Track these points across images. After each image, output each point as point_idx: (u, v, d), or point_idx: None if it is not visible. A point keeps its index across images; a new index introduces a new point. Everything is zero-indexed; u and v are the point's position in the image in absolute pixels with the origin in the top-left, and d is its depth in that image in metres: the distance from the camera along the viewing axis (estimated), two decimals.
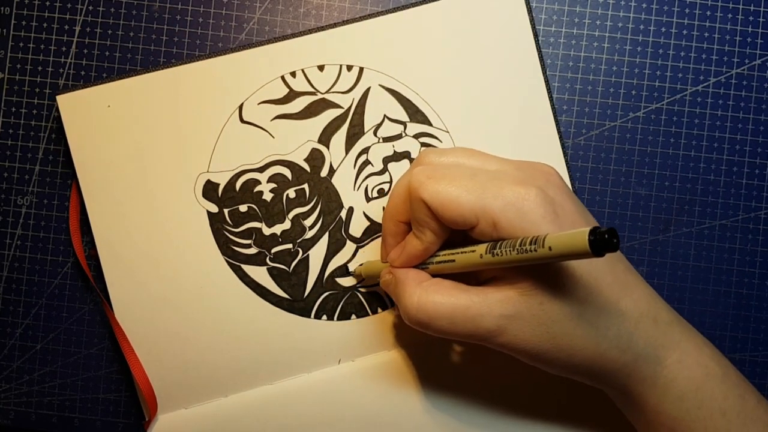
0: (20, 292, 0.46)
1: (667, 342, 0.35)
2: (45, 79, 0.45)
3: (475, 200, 0.33)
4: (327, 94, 0.44)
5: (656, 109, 0.45)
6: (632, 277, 0.36)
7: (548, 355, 0.35)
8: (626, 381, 0.36)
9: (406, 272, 0.37)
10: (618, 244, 0.28)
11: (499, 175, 0.35)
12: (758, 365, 0.45)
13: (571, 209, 0.34)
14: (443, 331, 0.35)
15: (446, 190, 0.34)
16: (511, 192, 0.33)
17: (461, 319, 0.34)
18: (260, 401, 0.44)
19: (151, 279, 0.44)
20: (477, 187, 0.34)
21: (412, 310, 0.35)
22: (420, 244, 0.36)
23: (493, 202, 0.33)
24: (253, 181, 0.44)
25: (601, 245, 0.28)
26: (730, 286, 0.45)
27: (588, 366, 0.35)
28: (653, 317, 0.36)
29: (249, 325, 0.44)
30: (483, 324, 0.34)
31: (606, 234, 0.28)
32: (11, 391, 0.46)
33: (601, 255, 0.28)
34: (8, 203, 0.45)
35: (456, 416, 0.43)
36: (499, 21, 0.44)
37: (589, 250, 0.28)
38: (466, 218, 0.34)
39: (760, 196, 0.45)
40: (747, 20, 0.45)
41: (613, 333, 0.34)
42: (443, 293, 0.35)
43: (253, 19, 0.45)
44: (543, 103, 0.44)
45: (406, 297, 0.36)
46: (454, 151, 0.38)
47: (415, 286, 0.36)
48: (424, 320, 0.35)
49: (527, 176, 0.35)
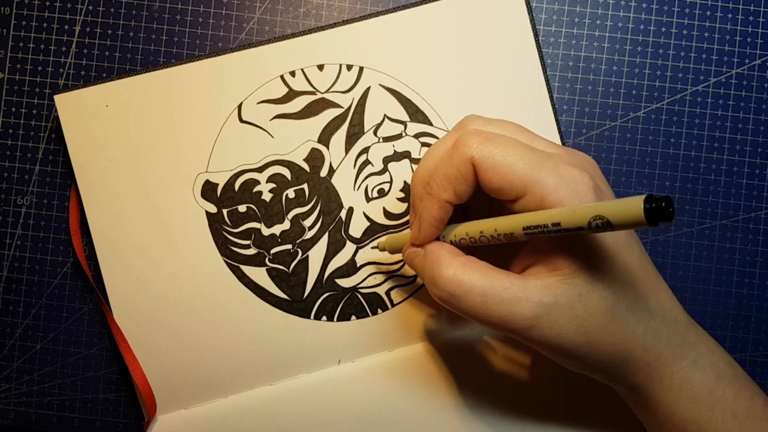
0: (20, 292, 0.46)
1: (685, 343, 0.36)
2: (45, 79, 0.45)
3: (530, 171, 0.32)
4: (327, 94, 0.44)
5: (656, 109, 0.45)
6: (658, 276, 0.36)
7: (577, 351, 0.34)
8: (643, 381, 0.35)
9: (440, 245, 0.36)
10: (673, 214, 0.26)
11: (552, 155, 0.34)
12: (758, 365, 0.45)
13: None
14: (473, 309, 0.33)
15: (502, 155, 0.33)
16: (567, 171, 0.32)
17: (496, 300, 0.33)
18: (260, 402, 0.44)
19: (150, 279, 0.44)
20: (534, 159, 0.33)
21: (447, 281, 0.34)
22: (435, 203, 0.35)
23: (549, 177, 0.32)
24: (252, 181, 0.44)
25: (656, 213, 0.26)
26: (730, 286, 0.45)
27: (612, 363, 0.34)
28: (674, 317, 0.36)
29: (248, 326, 0.44)
30: (519, 309, 0.33)
31: (663, 202, 0.26)
32: (11, 391, 0.46)
33: (655, 225, 0.26)
34: (8, 203, 0.46)
35: (456, 416, 0.43)
36: (499, 21, 0.44)
37: (643, 217, 0.26)
38: (515, 187, 0.32)
39: (760, 196, 0.45)
40: (747, 20, 0.45)
41: (641, 331, 0.34)
42: (481, 272, 0.34)
43: (253, 19, 0.45)
44: (543, 103, 0.44)
45: (442, 268, 0.34)
46: (503, 123, 0.36)
47: (451, 258, 0.34)
48: (457, 293, 0.33)
49: (579, 161, 0.35)
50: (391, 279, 0.44)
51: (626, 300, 0.34)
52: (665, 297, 0.36)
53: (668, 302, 0.36)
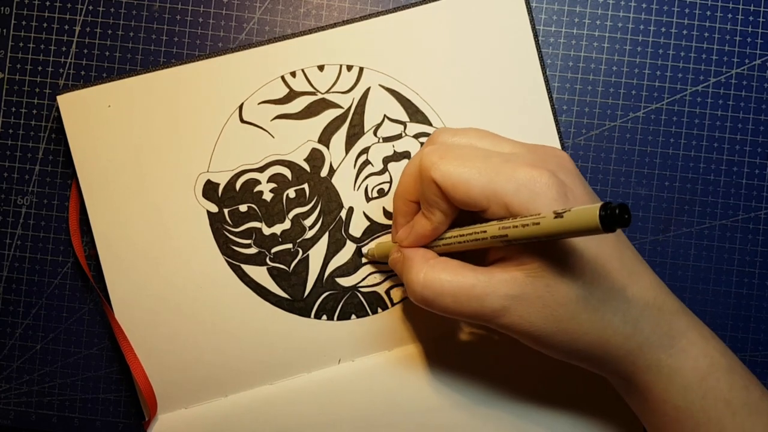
0: (20, 292, 0.46)
1: (673, 331, 0.35)
2: (45, 79, 0.45)
3: (487, 183, 0.33)
4: (327, 94, 0.44)
5: (656, 109, 0.45)
6: (639, 264, 0.36)
7: (552, 339, 0.34)
8: (631, 369, 0.36)
9: (414, 250, 0.37)
10: (629, 220, 0.27)
11: (511, 158, 0.35)
12: (758, 365, 0.45)
13: (582, 193, 0.35)
14: (447, 308, 0.35)
15: (458, 172, 0.34)
16: (523, 174, 0.33)
17: (465, 298, 0.34)
18: (260, 401, 0.44)
19: (151, 279, 0.44)
20: (489, 169, 0.34)
21: (418, 287, 0.35)
22: (429, 224, 0.36)
23: (506, 185, 0.33)
24: (253, 181, 0.44)
25: (612, 220, 0.27)
26: (730, 286, 0.45)
27: (591, 351, 0.35)
28: (659, 306, 0.36)
29: (249, 325, 0.44)
30: (487, 303, 0.34)
31: (617, 209, 0.27)
32: (11, 391, 0.46)
33: (612, 230, 0.27)
34: (8, 203, 0.45)
35: (456, 416, 0.43)
36: (499, 21, 0.44)
37: (599, 225, 0.27)
38: (477, 200, 0.33)
39: (760, 196, 0.45)
40: (747, 20, 0.45)
41: (619, 319, 0.34)
42: (450, 271, 0.35)
43: (253, 19, 0.45)
44: (543, 103, 0.44)
45: (412, 274, 0.36)
46: (467, 132, 0.37)
47: (422, 263, 0.36)
48: (429, 297, 0.35)
49: (540, 159, 0.35)
50: (390, 278, 0.44)
51: (599, 290, 0.34)
52: (647, 285, 0.36)
53: (652, 290, 0.36)
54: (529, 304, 0.34)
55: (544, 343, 0.35)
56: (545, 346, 0.35)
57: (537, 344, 0.35)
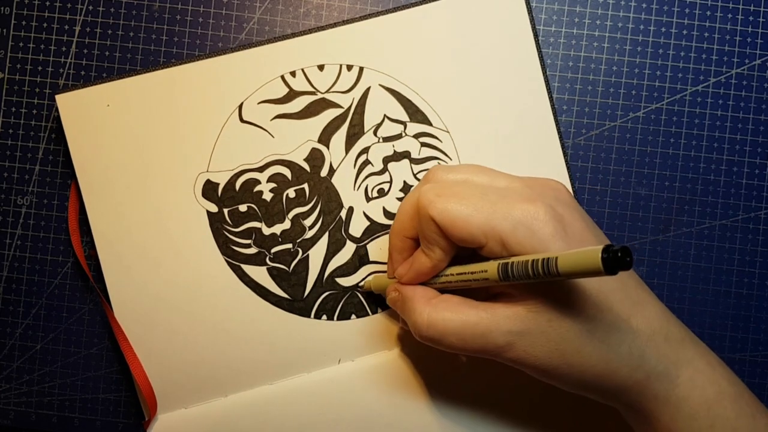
0: (20, 292, 0.46)
1: (679, 360, 0.35)
2: (45, 79, 0.45)
3: (484, 220, 0.33)
4: (327, 94, 0.44)
5: (656, 109, 0.45)
6: (643, 293, 0.36)
7: (558, 371, 0.34)
8: (638, 398, 0.35)
9: (413, 289, 0.38)
10: (631, 263, 0.28)
11: (508, 193, 0.35)
12: (758, 365, 0.45)
13: (580, 226, 0.35)
14: (453, 346, 0.35)
15: (456, 209, 0.34)
16: (520, 210, 0.33)
17: (470, 336, 0.34)
18: (260, 401, 0.44)
19: (151, 278, 0.44)
20: (486, 206, 0.34)
21: (423, 328, 0.36)
22: (428, 261, 0.36)
23: (503, 222, 0.33)
24: (252, 181, 0.44)
25: (614, 263, 0.27)
26: (730, 286, 0.45)
27: (599, 383, 0.35)
28: (665, 335, 0.35)
29: (249, 325, 0.44)
30: (492, 340, 0.34)
31: (619, 252, 0.27)
32: (11, 391, 0.46)
33: (614, 273, 0.28)
34: (8, 203, 0.45)
35: (456, 416, 0.43)
36: (499, 21, 0.44)
37: (601, 268, 0.28)
38: (475, 237, 0.34)
39: (760, 196, 0.45)
40: (747, 20, 0.45)
41: (624, 350, 0.34)
42: (452, 310, 0.35)
43: (253, 19, 0.45)
44: (543, 103, 0.44)
45: (416, 315, 0.36)
46: (463, 168, 0.38)
47: (424, 303, 0.36)
48: (435, 337, 0.35)
49: (536, 193, 0.35)
50: None
51: (603, 322, 0.34)
52: (653, 314, 0.35)
53: (657, 320, 0.35)
54: (533, 339, 0.34)
55: (551, 376, 0.35)
56: (552, 378, 0.35)
57: (544, 377, 0.35)
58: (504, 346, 0.34)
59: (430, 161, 0.44)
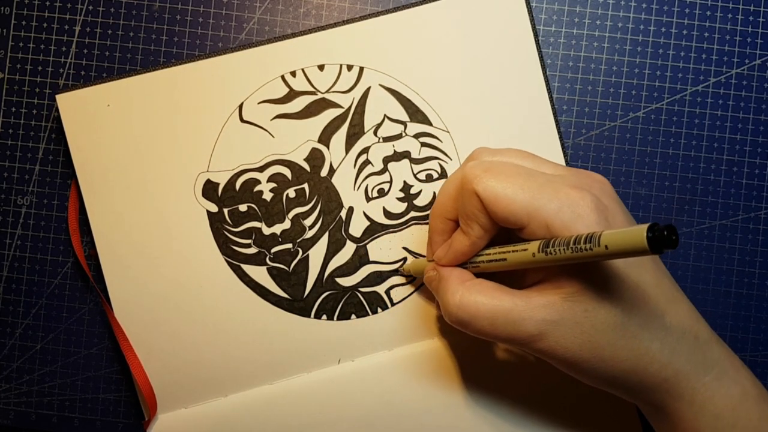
0: (20, 292, 0.46)
1: (707, 360, 0.35)
2: (45, 78, 0.45)
3: (530, 199, 0.33)
4: (327, 94, 0.44)
5: (656, 109, 0.45)
6: (677, 292, 0.36)
7: (587, 365, 0.34)
8: (663, 396, 0.35)
9: (450, 270, 0.37)
10: (677, 242, 0.27)
11: (554, 179, 0.35)
12: (758, 365, 0.45)
13: (623, 219, 0.34)
14: (483, 331, 0.35)
15: (502, 186, 0.34)
16: (566, 195, 0.33)
17: (502, 321, 0.34)
18: (260, 401, 0.44)
19: (151, 278, 0.44)
20: (533, 186, 0.34)
21: (454, 308, 0.35)
22: (467, 239, 0.36)
23: (548, 203, 0.33)
24: (252, 181, 0.44)
25: (660, 242, 0.27)
26: (730, 286, 0.45)
27: (626, 378, 0.35)
28: (695, 334, 0.35)
29: (249, 325, 0.44)
30: (524, 328, 0.34)
31: (665, 230, 0.27)
32: (11, 391, 0.46)
33: (660, 252, 0.27)
34: (8, 203, 0.45)
35: (457, 416, 0.43)
36: (499, 21, 0.44)
37: (647, 246, 0.27)
38: (518, 216, 0.33)
39: (760, 196, 0.45)
40: (747, 20, 0.45)
41: (656, 347, 0.34)
42: (486, 294, 0.35)
43: (253, 19, 0.45)
44: (543, 103, 0.44)
45: (448, 294, 0.36)
46: (508, 152, 0.37)
47: (458, 284, 0.36)
48: (465, 319, 0.35)
49: (583, 182, 0.35)
50: (390, 278, 0.44)
51: (638, 316, 0.34)
52: (685, 313, 0.35)
53: (688, 318, 0.35)
54: (567, 330, 0.33)
55: (578, 369, 0.35)
56: (579, 372, 0.35)
57: (571, 370, 0.35)
58: (536, 335, 0.34)
59: (430, 161, 0.44)
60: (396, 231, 0.44)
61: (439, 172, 0.44)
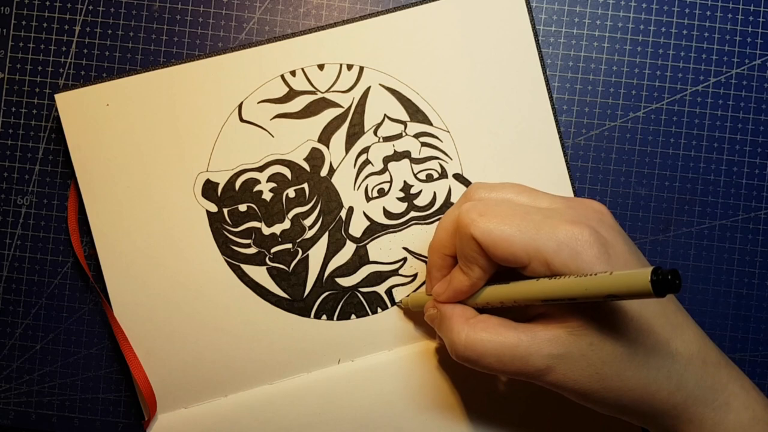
0: (20, 292, 0.46)
1: (716, 384, 0.35)
2: (45, 78, 0.45)
3: (529, 240, 0.33)
4: (327, 94, 0.44)
5: (656, 109, 0.45)
6: (682, 317, 0.36)
7: (597, 395, 0.34)
8: (674, 422, 0.35)
9: (452, 308, 0.37)
10: (680, 286, 0.27)
11: (551, 214, 0.35)
12: (758, 365, 0.45)
13: (623, 249, 0.34)
14: (491, 368, 0.35)
15: (499, 229, 0.34)
16: (564, 232, 0.33)
17: (509, 358, 0.34)
18: (260, 401, 0.44)
19: (151, 278, 0.44)
20: (530, 226, 0.34)
21: (460, 348, 0.35)
22: (467, 279, 0.36)
23: (547, 242, 0.33)
24: (252, 181, 0.44)
25: (663, 286, 0.27)
26: (730, 286, 0.45)
27: (637, 406, 0.35)
28: (702, 358, 0.35)
29: (249, 325, 0.44)
30: (531, 363, 0.34)
31: (669, 275, 0.27)
32: (11, 391, 0.46)
33: (663, 295, 0.28)
34: (8, 203, 0.45)
35: (455, 416, 0.43)
36: (499, 21, 0.44)
37: (651, 290, 0.27)
38: (519, 258, 0.33)
39: (760, 196, 0.45)
40: (747, 20, 0.45)
41: (664, 374, 0.34)
42: (491, 331, 0.35)
43: (253, 19, 0.45)
44: (543, 103, 0.44)
45: (453, 334, 0.36)
46: (504, 187, 0.37)
47: (462, 323, 0.36)
48: (473, 358, 0.35)
49: (580, 215, 0.35)
50: (390, 278, 0.44)
51: (644, 346, 0.34)
52: (691, 338, 0.35)
53: (695, 343, 0.35)
54: (574, 363, 0.34)
55: (588, 400, 0.35)
56: (590, 401, 0.35)
57: (581, 400, 0.35)
58: (544, 369, 0.34)
59: (430, 161, 0.44)
60: (396, 231, 0.44)
61: (439, 172, 0.44)
